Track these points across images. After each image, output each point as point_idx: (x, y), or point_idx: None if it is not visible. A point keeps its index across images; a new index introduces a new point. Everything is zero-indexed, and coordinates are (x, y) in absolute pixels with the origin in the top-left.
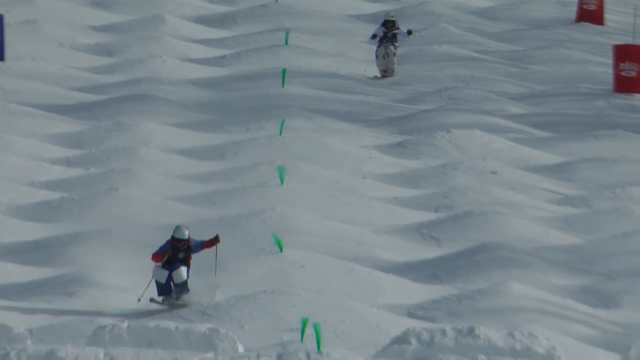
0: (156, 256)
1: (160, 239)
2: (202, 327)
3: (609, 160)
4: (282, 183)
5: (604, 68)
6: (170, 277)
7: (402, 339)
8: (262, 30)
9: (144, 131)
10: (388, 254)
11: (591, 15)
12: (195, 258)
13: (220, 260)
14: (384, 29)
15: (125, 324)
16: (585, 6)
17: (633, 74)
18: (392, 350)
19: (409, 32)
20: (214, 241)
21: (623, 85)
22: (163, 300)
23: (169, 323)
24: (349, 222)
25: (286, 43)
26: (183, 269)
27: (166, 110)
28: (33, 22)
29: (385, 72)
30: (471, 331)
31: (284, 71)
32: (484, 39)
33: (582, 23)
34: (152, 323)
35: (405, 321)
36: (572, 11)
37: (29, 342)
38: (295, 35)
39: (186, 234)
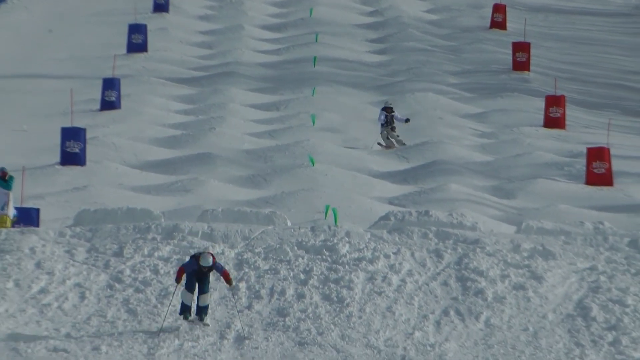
0: (179, 271)
1: (240, 159)
2: (266, 210)
3: (509, 110)
4: (313, 124)
5: (506, 56)
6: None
7: (385, 217)
8: (302, 33)
9: (231, 93)
10: (377, 167)
11: (499, 24)
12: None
13: (277, 171)
14: (385, 112)
15: (220, 209)
16: (495, 18)
17: (524, 59)
18: (379, 224)
19: (407, 120)
20: (229, 282)
21: (517, 66)
22: (185, 318)
23: (246, 209)
24: (354, 147)
25: (316, 41)
26: (207, 295)
27: (244, 81)
28: (164, 28)
29: (389, 146)
30: (427, 212)
31: (314, 58)
32: (434, 38)
33: (493, 29)
34: (236, 208)
35: (387, 207)
36: (487, 21)
37: (162, 220)
38: (322, 36)
39: (210, 261)
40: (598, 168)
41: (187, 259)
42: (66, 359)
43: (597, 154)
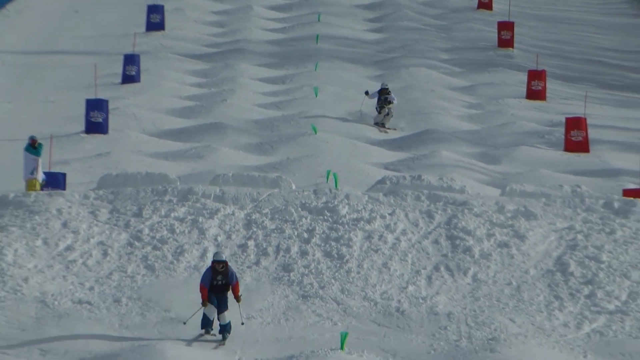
0: (201, 288)
1: (249, 128)
2: (273, 175)
3: (495, 84)
4: (316, 96)
5: (492, 34)
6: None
7: (381, 181)
8: (306, 13)
9: (240, 68)
10: (375, 135)
11: (486, 5)
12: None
13: (283, 139)
14: (378, 94)
15: (230, 173)
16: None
17: (509, 37)
18: (376, 188)
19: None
20: (238, 299)
21: (502, 43)
22: (205, 332)
23: (254, 173)
24: (353, 117)
25: (319, 20)
26: (227, 313)
27: (252, 57)
28: (180, 9)
29: (383, 126)
30: (419, 177)
31: (317, 36)
32: (426, 18)
33: (480, 10)
34: (245, 173)
35: (383, 172)
36: (475, 2)
37: (178, 183)
38: (324, 16)
39: (223, 256)
40: (576, 136)
41: (200, 220)
42: (90, 310)
43: (575, 123)
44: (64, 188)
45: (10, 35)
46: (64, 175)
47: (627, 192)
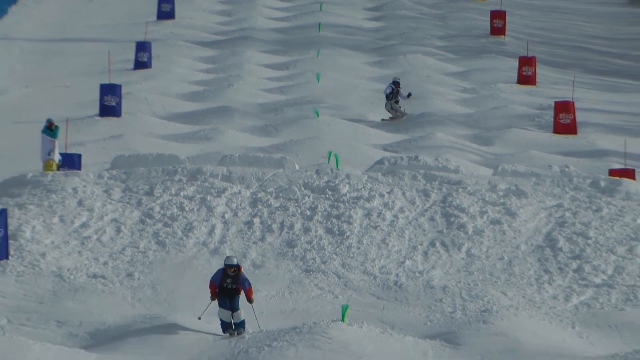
0: (210, 285)
1: (254, 111)
2: (277, 155)
3: (487, 69)
4: (318, 81)
5: (485, 23)
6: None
7: (380, 162)
8: (308, 2)
9: (246, 55)
10: (373, 118)
11: None
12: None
13: (286, 122)
14: (392, 86)
15: (237, 154)
16: None
17: (500, 25)
18: (375, 168)
19: (409, 95)
20: (250, 300)
21: (495, 31)
22: (227, 333)
23: (259, 154)
24: (353, 100)
25: (321, 9)
26: (240, 312)
27: (258, 44)
28: None
29: (394, 118)
30: (416, 157)
31: (319, 24)
32: (423, 7)
33: (474, 0)
34: (251, 154)
35: (382, 153)
36: None
37: (187, 164)
38: (326, 5)
39: (235, 261)
40: (564, 119)
41: (208, 198)
42: (104, 284)
43: (564, 107)
44: (79, 168)
45: (29, 24)
46: (79, 156)
47: (612, 172)
